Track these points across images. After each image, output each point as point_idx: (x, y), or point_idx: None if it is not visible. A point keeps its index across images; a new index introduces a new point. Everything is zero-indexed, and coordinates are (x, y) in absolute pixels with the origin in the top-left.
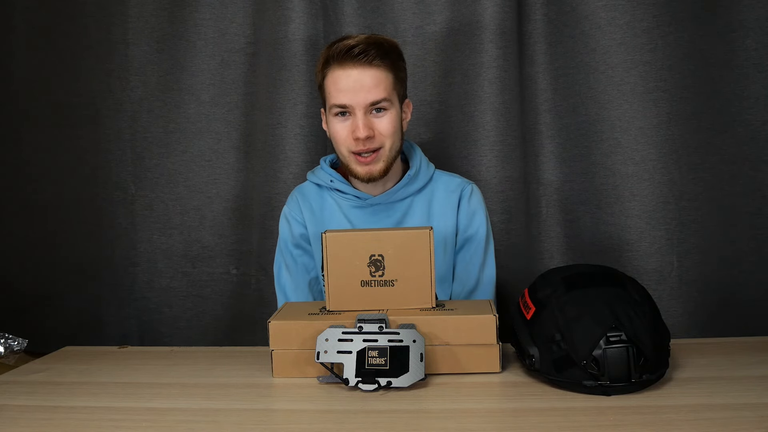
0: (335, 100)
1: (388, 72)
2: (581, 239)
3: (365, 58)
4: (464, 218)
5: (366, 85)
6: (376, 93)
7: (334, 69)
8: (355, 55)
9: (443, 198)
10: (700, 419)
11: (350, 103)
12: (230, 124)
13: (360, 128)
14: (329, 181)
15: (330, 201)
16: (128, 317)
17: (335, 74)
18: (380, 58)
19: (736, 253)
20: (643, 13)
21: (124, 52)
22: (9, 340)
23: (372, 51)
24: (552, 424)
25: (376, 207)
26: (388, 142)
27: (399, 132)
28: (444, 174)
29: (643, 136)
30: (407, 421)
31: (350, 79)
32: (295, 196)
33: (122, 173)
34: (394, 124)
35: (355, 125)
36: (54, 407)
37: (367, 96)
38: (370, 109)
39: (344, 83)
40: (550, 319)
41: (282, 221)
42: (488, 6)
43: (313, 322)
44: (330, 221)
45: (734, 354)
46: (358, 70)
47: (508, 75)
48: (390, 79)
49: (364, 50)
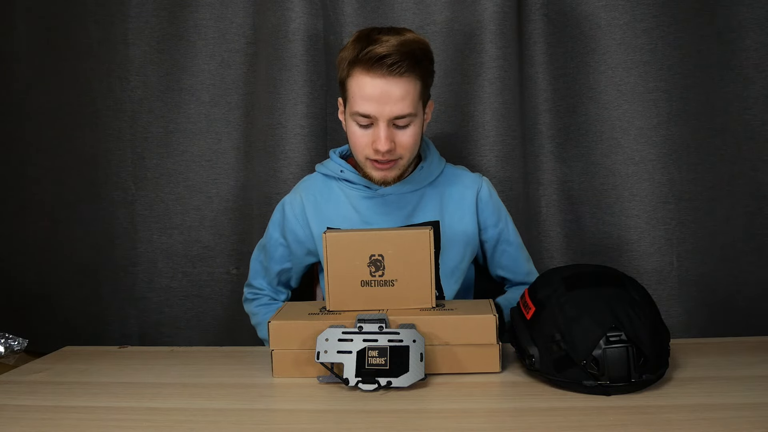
0: (359, 107)
1: (417, 81)
2: (581, 239)
3: (397, 70)
4: (490, 216)
5: (393, 97)
6: (402, 107)
7: (360, 73)
8: (387, 66)
9: (457, 193)
10: (700, 419)
11: (374, 114)
12: (230, 124)
13: (382, 141)
14: (339, 171)
15: (337, 191)
16: (128, 317)
17: (361, 80)
18: (411, 70)
19: (736, 253)
20: (643, 13)
21: (124, 52)
22: (9, 340)
23: (405, 63)
24: (552, 424)
25: (387, 198)
26: (407, 154)
27: (419, 141)
28: (455, 168)
29: (643, 136)
30: (407, 421)
31: (377, 89)
32: (300, 194)
33: (122, 173)
34: (415, 138)
35: (377, 136)
36: (54, 407)
37: (393, 109)
38: (394, 121)
39: (370, 92)
40: (550, 319)
41: (278, 211)
42: (488, 6)
43: (313, 322)
44: (336, 212)
45: (734, 354)
46: (387, 80)
47: (508, 75)
48: (418, 88)
49: (396, 61)
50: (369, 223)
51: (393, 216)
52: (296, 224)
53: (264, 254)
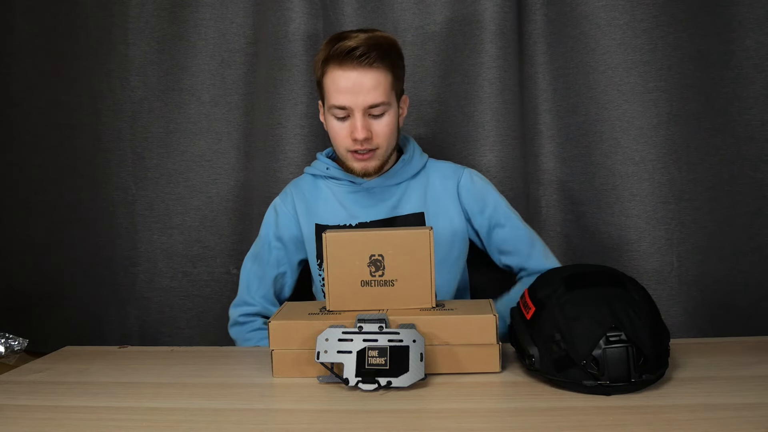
0: (334, 100)
1: (387, 72)
2: (581, 239)
3: (366, 61)
4: (474, 203)
5: (365, 87)
6: (375, 96)
7: (333, 68)
8: (356, 57)
9: (439, 184)
10: (700, 419)
11: (349, 105)
12: (230, 124)
13: (358, 130)
14: (325, 168)
15: (325, 190)
16: (128, 317)
17: (335, 74)
18: (380, 60)
19: (736, 253)
20: (643, 13)
21: (124, 52)
22: (9, 340)
23: (373, 53)
24: (552, 424)
25: (372, 191)
26: (384, 143)
27: (396, 131)
28: (437, 162)
29: (643, 136)
30: (407, 421)
31: (349, 80)
32: (290, 191)
33: (122, 173)
34: (391, 126)
35: (354, 126)
36: (54, 407)
37: (366, 98)
38: (369, 110)
39: (343, 84)
40: (550, 319)
41: (270, 212)
42: (488, 6)
43: (313, 322)
44: (324, 209)
45: (734, 354)
46: (358, 72)
47: (508, 75)
48: (389, 79)
49: (365, 52)
50: (356, 216)
51: (378, 208)
52: (289, 220)
53: (257, 263)
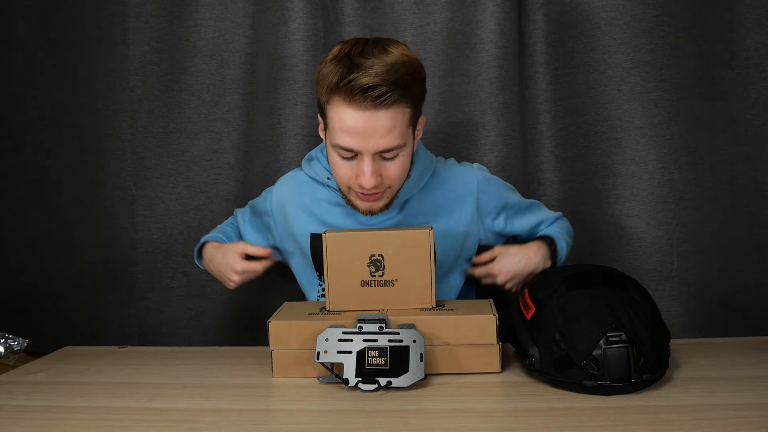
0: (339, 140)
1: (406, 108)
2: (581, 239)
3: (384, 102)
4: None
5: (379, 131)
6: (389, 140)
7: (341, 103)
8: (372, 98)
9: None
10: (700, 419)
11: (357, 149)
12: (230, 124)
13: (367, 176)
14: (326, 178)
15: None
16: (128, 317)
17: (342, 111)
18: (400, 99)
19: (736, 253)
20: (643, 13)
21: (124, 52)
22: (9, 340)
23: (392, 95)
24: (552, 424)
25: None
26: (396, 184)
27: (408, 169)
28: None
29: (643, 136)
30: (407, 421)
31: (359, 121)
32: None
33: (122, 173)
34: (404, 168)
35: (361, 171)
36: (54, 407)
37: (378, 143)
38: (380, 153)
39: (352, 124)
40: (550, 319)
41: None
42: (488, 6)
43: (313, 322)
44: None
45: (734, 354)
46: (371, 112)
47: (508, 75)
48: (407, 115)
49: (384, 93)
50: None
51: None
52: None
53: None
